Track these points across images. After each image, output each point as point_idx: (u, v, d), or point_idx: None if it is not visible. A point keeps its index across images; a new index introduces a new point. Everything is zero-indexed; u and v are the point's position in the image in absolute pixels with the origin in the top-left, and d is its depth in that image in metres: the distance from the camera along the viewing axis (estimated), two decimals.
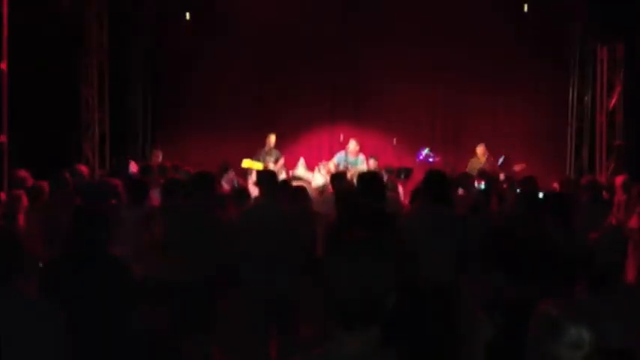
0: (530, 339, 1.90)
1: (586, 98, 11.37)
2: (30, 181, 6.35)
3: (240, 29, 12.01)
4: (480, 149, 10.63)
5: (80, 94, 11.06)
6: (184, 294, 4.59)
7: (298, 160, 10.99)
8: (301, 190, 6.34)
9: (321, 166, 10.24)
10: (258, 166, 10.33)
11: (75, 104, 11.04)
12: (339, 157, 10.43)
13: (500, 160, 10.36)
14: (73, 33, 10.59)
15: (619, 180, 6.80)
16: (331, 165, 10.22)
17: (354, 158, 10.34)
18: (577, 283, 3.06)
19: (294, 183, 7.90)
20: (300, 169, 10.28)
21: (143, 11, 11.90)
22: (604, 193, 6.82)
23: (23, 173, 6.53)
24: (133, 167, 9.76)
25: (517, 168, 9.86)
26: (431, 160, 10.37)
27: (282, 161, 10.80)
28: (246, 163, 10.43)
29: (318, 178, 9.49)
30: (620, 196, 6.41)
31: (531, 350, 1.89)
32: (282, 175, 9.75)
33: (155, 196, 6.39)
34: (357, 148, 10.42)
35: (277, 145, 11.20)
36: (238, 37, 12.07)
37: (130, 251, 4.64)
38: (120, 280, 3.39)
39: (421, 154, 10.38)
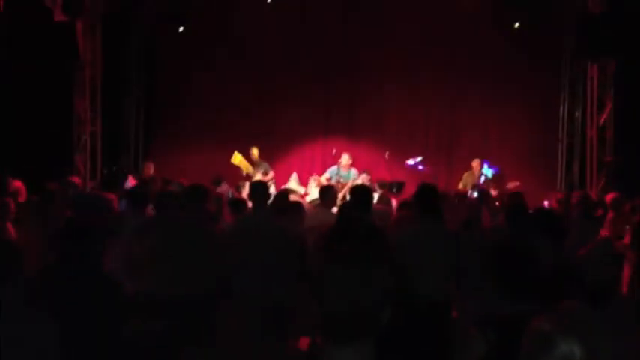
0: (522, 354, 1.90)
1: (577, 114, 11.45)
2: (23, 194, 6.32)
3: (234, 43, 12.05)
4: (476, 163, 10.67)
5: (73, 106, 11.04)
6: (177, 308, 4.56)
7: (291, 174, 11.00)
8: (295, 204, 6.36)
9: (313, 180, 10.27)
10: (246, 166, 10.36)
11: (67, 116, 11.02)
12: (331, 171, 10.45)
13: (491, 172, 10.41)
14: (66, 45, 10.59)
15: (609, 197, 6.84)
16: (323, 179, 10.23)
17: (346, 172, 10.37)
18: (568, 297, 3.07)
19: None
20: (293, 183, 10.29)
21: (137, 23, 11.93)
22: (598, 209, 6.85)
23: (18, 184, 6.51)
24: (131, 181, 9.74)
25: (510, 186, 9.90)
26: (420, 168, 10.37)
27: (271, 174, 10.78)
28: (237, 158, 10.42)
29: (313, 192, 9.52)
30: (609, 214, 6.44)
31: None
32: (272, 189, 9.74)
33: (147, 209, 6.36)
34: (350, 161, 10.45)
35: (270, 158, 11.21)
36: (231, 51, 12.11)
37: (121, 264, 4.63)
38: (108, 294, 3.37)
39: (411, 162, 10.38)
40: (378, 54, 12.01)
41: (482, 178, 10.39)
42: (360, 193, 5.34)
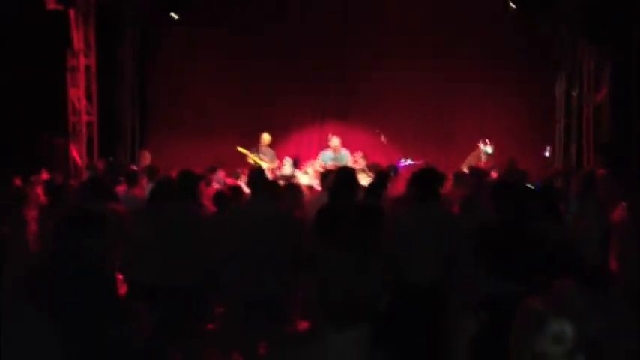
0: (514, 334, 1.91)
1: (573, 94, 11.42)
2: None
3: (228, 29, 12.00)
4: (482, 145, 10.64)
5: (68, 96, 11.00)
6: (168, 298, 4.57)
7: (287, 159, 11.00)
8: (294, 187, 6.36)
9: (308, 166, 10.28)
10: (253, 157, 10.33)
11: (63, 106, 10.99)
12: (323, 156, 10.42)
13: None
14: (60, 34, 10.53)
15: (599, 175, 6.83)
16: (317, 165, 10.22)
17: (337, 154, 10.31)
18: (563, 276, 3.08)
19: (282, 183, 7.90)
20: (287, 169, 10.27)
21: (130, 11, 11.85)
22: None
23: (18, 182, 6.51)
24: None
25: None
26: (413, 163, 10.33)
27: (276, 163, 10.73)
28: (243, 151, 10.41)
29: (303, 179, 9.51)
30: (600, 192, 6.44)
31: (515, 346, 1.91)
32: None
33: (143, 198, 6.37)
34: (339, 143, 10.40)
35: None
36: (226, 38, 12.07)
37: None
38: (101, 285, 3.36)
39: (401, 164, 10.32)
40: (375, 39, 11.97)
41: (484, 157, 10.37)
42: (343, 175, 5.29)
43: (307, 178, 9.73)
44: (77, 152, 11.06)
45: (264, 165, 10.16)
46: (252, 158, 10.43)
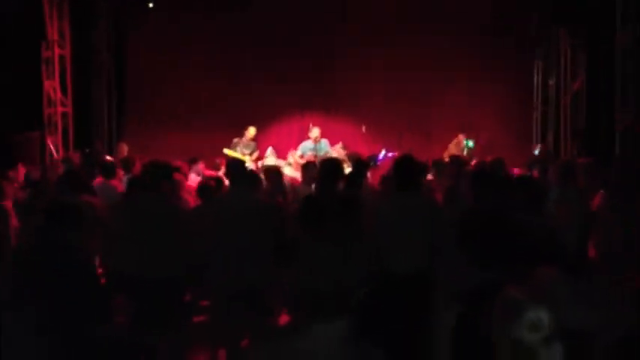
0: (493, 323, 1.93)
1: (551, 82, 11.51)
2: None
3: (206, 17, 11.88)
4: (461, 137, 10.71)
5: (42, 87, 10.82)
6: (147, 290, 4.53)
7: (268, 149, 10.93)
8: (274, 172, 6.32)
9: (289, 157, 10.24)
10: (237, 155, 10.27)
11: (38, 98, 10.81)
12: (303, 147, 10.40)
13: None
14: (33, 24, 10.35)
15: (579, 163, 6.89)
16: (296, 156, 10.19)
17: (316, 144, 10.29)
18: (543, 265, 3.10)
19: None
20: (271, 159, 10.23)
21: (105, 0, 11.67)
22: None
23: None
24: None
25: (490, 159, 9.93)
26: (390, 154, 10.33)
27: (255, 155, 10.71)
28: (228, 152, 10.35)
29: (287, 170, 9.47)
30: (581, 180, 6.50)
31: (495, 334, 1.93)
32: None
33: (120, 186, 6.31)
34: (319, 133, 10.38)
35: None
36: (204, 27, 11.94)
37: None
38: (82, 276, 3.33)
39: (380, 157, 10.32)
40: (356, 28, 11.95)
41: (465, 150, 10.44)
42: (329, 166, 5.27)
43: (290, 169, 9.70)
44: (53, 144, 10.90)
45: (246, 159, 10.11)
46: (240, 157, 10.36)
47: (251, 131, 10.76)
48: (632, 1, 8.04)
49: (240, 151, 10.51)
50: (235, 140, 10.70)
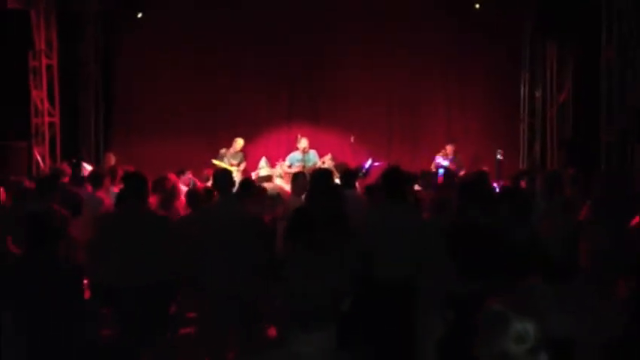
0: (478, 335, 1.93)
1: (537, 94, 11.61)
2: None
3: (194, 28, 11.88)
4: (449, 148, 10.75)
5: (30, 97, 10.76)
6: (134, 298, 4.50)
7: (258, 159, 10.91)
8: (261, 191, 6.32)
9: (278, 167, 10.24)
10: (225, 166, 10.26)
11: (25, 107, 10.74)
12: (291, 158, 10.40)
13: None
14: (20, 33, 10.29)
15: (566, 173, 6.94)
16: (285, 166, 10.19)
17: (304, 155, 10.29)
18: (529, 275, 3.12)
19: (263, 185, 7.88)
20: (265, 169, 10.21)
21: (93, 10, 11.64)
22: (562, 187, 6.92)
23: None
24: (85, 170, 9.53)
25: (486, 169, 9.99)
26: (377, 164, 10.35)
27: (243, 166, 10.70)
28: (216, 162, 10.33)
29: (278, 181, 9.49)
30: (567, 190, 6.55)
31: (480, 346, 1.92)
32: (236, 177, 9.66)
33: (109, 201, 6.27)
34: (307, 144, 10.38)
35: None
36: (192, 37, 11.94)
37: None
38: (69, 285, 3.32)
39: (366, 167, 10.32)
40: (340, 37, 11.99)
41: (441, 171, 10.48)
42: (320, 177, 5.29)
43: (280, 180, 9.73)
44: (40, 154, 10.82)
45: (234, 170, 10.10)
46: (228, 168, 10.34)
47: (239, 142, 10.78)
48: (617, 15, 8.15)
49: (228, 162, 10.50)
50: (222, 151, 10.69)
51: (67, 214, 4.97)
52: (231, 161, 10.55)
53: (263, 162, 10.44)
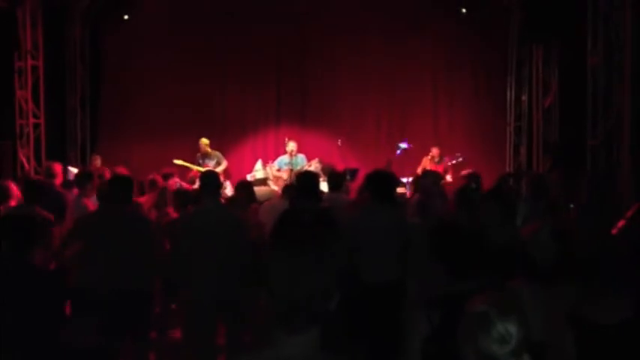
0: (462, 336, 1.93)
1: (523, 98, 11.69)
2: None
3: (181, 30, 11.84)
4: (435, 150, 10.81)
5: (14, 98, 10.66)
6: (115, 302, 4.47)
7: (244, 162, 10.89)
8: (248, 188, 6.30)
9: (268, 168, 10.23)
10: (194, 167, 10.23)
11: (10, 108, 10.64)
12: (279, 162, 10.38)
13: (457, 160, 10.58)
14: (7, 33, 10.20)
15: (553, 177, 7.00)
16: (274, 170, 10.17)
17: (292, 158, 10.28)
18: (514, 276, 3.13)
19: (258, 188, 7.86)
20: (260, 172, 10.17)
21: (79, 11, 11.58)
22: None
23: None
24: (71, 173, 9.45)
25: (464, 172, 10.04)
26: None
27: (224, 164, 10.63)
28: (179, 162, 10.29)
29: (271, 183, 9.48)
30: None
31: (464, 346, 1.93)
32: (226, 182, 9.63)
33: (92, 203, 6.22)
34: (295, 147, 10.38)
35: (222, 148, 11.06)
36: (179, 38, 11.89)
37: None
38: (43, 290, 3.28)
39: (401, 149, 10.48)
40: (329, 41, 12.02)
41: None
42: (304, 179, 5.28)
43: (272, 182, 9.74)
44: (24, 155, 10.72)
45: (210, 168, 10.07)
46: (194, 168, 10.29)
47: (203, 142, 10.66)
48: (603, 18, 8.21)
49: (202, 163, 10.44)
50: (198, 155, 10.62)
51: (49, 218, 4.94)
52: (207, 163, 10.49)
53: (259, 165, 10.41)
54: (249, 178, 9.88)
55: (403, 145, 10.63)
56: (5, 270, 3.29)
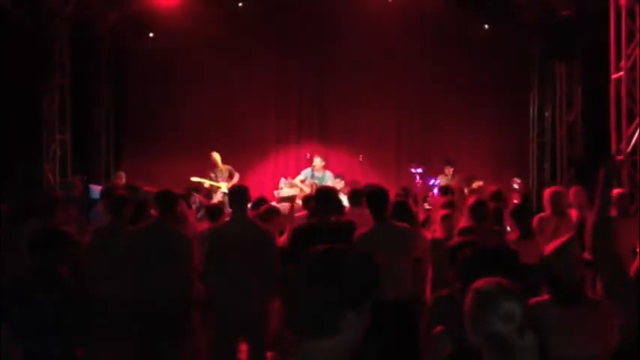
0: (466, 316, 1.99)
1: (546, 114, 11.62)
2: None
3: (205, 49, 11.98)
4: (448, 169, 10.79)
5: (41, 115, 10.84)
6: (151, 315, 4.53)
7: (265, 179, 10.93)
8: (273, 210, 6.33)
9: (285, 182, 10.26)
10: (209, 182, 10.32)
11: (36, 125, 10.82)
12: (305, 173, 10.43)
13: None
14: (35, 53, 10.41)
15: (571, 192, 6.89)
16: (297, 181, 10.23)
17: (320, 174, 10.32)
18: (537, 294, 3.10)
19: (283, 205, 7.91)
20: (285, 190, 10.21)
21: (106, 29, 11.79)
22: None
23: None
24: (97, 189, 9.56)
25: (475, 185, 9.99)
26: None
27: (237, 177, 10.68)
28: (195, 179, 10.40)
29: (283, 191, 9.50)
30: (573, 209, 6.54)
31: (471, 327, 1.98)
32: None
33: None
34: (323, 164, 10.42)
35: (243, 164, 11.12)
36: (203, 57, 12.03)
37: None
38: (74, 302, 3.34)
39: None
40: (350, 59, 12.08)
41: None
42: (323, 195, 5.31)
43: (286, 192, 9.78)
44: (50, 172, 10.88)
45: (223, 185, 10.16)
46: (208, 184, 10.38)
47: (214, 156, 10.75)
48: (627, 35, 8.17)
49: (215, 178, 10.52)
50: (212, 175, 10.70)
51: (78, 238, 5.04)
52: (218, 176, 10.57)
53: (282, 183, 10.45)
54: (275, 194, 9.97)
55: (418, 170, 10.54)
56: (36, 281, 3.34)
